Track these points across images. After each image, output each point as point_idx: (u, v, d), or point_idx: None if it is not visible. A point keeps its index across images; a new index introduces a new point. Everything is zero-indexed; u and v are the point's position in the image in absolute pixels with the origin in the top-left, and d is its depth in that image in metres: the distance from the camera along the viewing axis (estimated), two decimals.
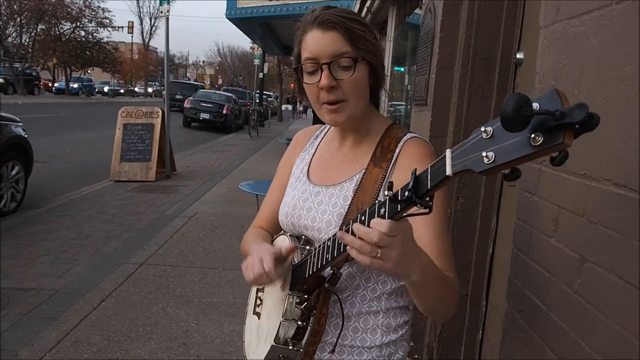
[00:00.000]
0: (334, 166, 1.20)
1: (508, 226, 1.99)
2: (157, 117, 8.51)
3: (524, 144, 0.57)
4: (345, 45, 1.05)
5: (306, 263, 1.04)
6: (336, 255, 0.94)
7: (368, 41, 1.08)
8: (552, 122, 0.54)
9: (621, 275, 0.96)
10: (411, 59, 4.84)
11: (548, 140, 0.55)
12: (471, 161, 0.64)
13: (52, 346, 3.05)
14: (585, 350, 1.05)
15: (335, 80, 1.06)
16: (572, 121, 0.53)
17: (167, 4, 8.70)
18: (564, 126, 0.54)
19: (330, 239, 0.97)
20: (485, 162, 0.61)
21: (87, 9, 37.46)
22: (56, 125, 15.75)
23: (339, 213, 1.10)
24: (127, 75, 50.86)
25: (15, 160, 5.98)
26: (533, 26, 1.89)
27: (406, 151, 1.11)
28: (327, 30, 1.06)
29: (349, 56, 1.05)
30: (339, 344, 1.11)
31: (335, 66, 1.06)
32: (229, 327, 3.43)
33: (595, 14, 1.11)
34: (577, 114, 0.53)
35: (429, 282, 0.92)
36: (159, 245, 5.05)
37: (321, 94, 1.08)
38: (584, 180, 1.11)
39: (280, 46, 22.02)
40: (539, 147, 0.56)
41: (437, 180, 0.70)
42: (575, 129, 0.54)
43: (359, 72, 1.07)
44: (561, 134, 0.54)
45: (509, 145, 0.59)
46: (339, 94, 1.07)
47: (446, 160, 0.68)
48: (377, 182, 1.08)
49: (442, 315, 1.06)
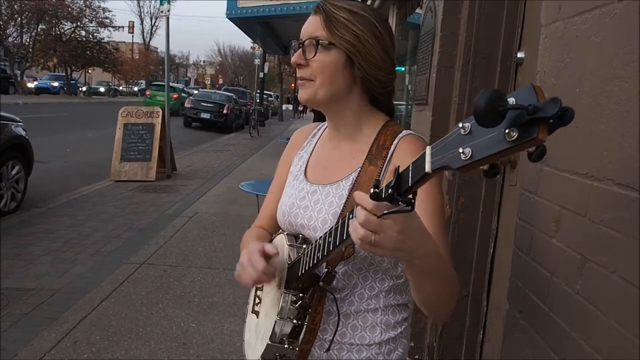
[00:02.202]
0: (330, 164, 1.20)
1: (509, 226, 1.99)
2: (158, 116, 8.51)
3: (499, 139, 0.56)
4: (320, 30, 1.09)
5: (299, 262, 1.05)
6: (326, 254, 0.94)
7: (349, 30, 1.08)
8: (526, 117, 0.54)
9: (623, 276, 0.96)
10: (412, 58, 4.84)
11: (522, 135, 0.54)
12: (449, 158, 0.63)
13: (52, 346, 3.04)
14: (587, 351, 1.05)
15: (304, 59, 1.11)
16: (546, 115, 0.53)
17: (168, 3, 8.70)
18: (538, 121, 0.53)
19: (322, 236, 0.97)
20: (462, 158, 0.60)
21: (88, 8, 37.51)
22: (56, 125, 15.75)
23: (335, 212, 1.10)
24: (128, 75, 50.86)
25: (15, 160, 5.98)
26: (534, 25, 1.88)
27: (401, 148, 1.11)
28: (314, 15, 1.12)
29: (318, 39, 1.09)
30: (337, 341, 1.11)
31: (310, 47, 1.10)
32: (229, 328, 3.42)
33: (596, 12, 1.10)
34: (551, 109, 0.52)
35: (431, 270, 0.90)
36: (159, 245, 5.05)
37: (297, 71, 1.14)
38: (586, 179, 1.10)
39: (281, 46, 21.98)
40: (514, 142, 0.55)
41: (417, 178, 0.69)
42: (550, 124, 0.53)
43: (326, 56, 1.09)
44: (535, 129, 0.54)
45: (485, 140, 0.58)
46: (307, 72, 1.11)
47: (426, 157, 0.67)
48: (373, 180, 1.08)
49: (440, 313, 1.05)
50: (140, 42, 60.80)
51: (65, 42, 36.10)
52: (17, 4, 32.01)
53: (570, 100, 1.18)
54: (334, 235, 0.91)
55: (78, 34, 38.25)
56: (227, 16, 15.11)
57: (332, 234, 0.92)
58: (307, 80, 1.12)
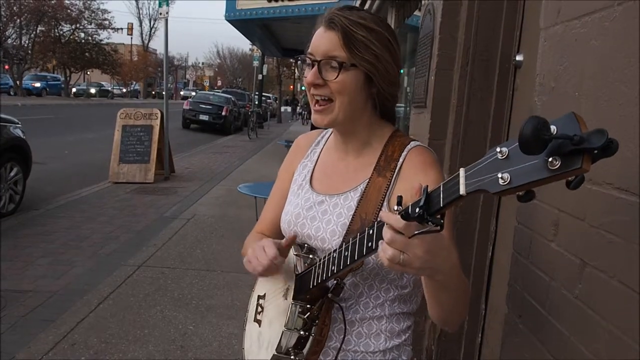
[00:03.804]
0: (337, 175, 1.19)
1: (508, 229, 1.98)
2: (156, 118, 8.52)
3: (540, 167, 0.56)
4: (339, 49, 1.05)
5: (310, 274, 1.04)
6: (342, 268, 0.94)
7: (369, 49, 1.06)
8: (570, 147, 0.53)
9: (622, 281, 0.95)
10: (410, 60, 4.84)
11: (565, 165, 0.54)
12: (486, 182, 0.63)
13: (50, 349, 3.03)
14: (586, 355, 1.04)
15: (322, 79, 1.06)
16: (591, 147, 0.52)
17: (167, 5, 8.70)
18: (581, 151, 0.53)
19: (336, 250, 0.96)
20: (500, 183, 0.61)
21: (87, 10, 37.63)
22: (55, 127, 15.73)
23: (343, 223, 1.09)
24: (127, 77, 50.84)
25: (13, 162, 5.97)
26: (533, 28, 1.88)
27: (410, 160, 1.10)
28: (329, 30, 1.07)
29: (339, 60, 1.05)
30: (342, 349, 1.10)
31: (327, 66, 1.06)
32: (227, 330, 3.41)
33: (596, 15, 1.10)
34: (596, 140, 0.52)
35: (451, 285, 0.91)
36: (157, 247, 5.04)
37: (311, 88, 1.09)
38: (585, 183, 1.09)
39: (280, 48, 22.00)
40: (556, 171, 0.55)
41: (450, 199, 0.69)
42: (594, 154, 0.53)
43: (347, 77, 1.06)
44: (579, 159, 0.54)
45: (525, 167, 0.58)
46: (324, 91, 1.08)
47: (460, 179, 0.67)
48: (381, 192, 1.08)
49: (454, 323, 1.05)
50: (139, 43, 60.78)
51: (64, 44, 36.15)
52: (16, 6, 32.03)
53: (569, 103, 1.18)
54: (351, 249, 0.91)
55: (77, 35, 38.29)
56: (225, 18, 15.12)
57: (350, 248, 0.91)
58: (324, 101, 1.08)
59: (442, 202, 0.70)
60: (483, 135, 2.29)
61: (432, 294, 0.94)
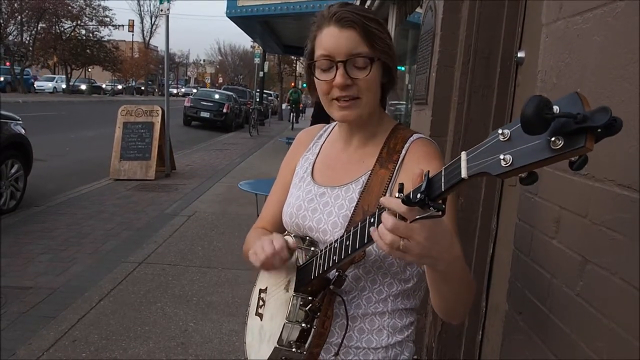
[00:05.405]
0: (339, 167, 1.19)
1: (509, 226, 1.98)
2: (157, 115, 8.51)
3: (543, 147, 0.56)
4: (362, 45, 1.05)
5: (312, 265, 1.03)
6: (343, 257, 0.93)
7: (384, 41, 1.08)
8: (573, 126, 0.53)
9: (624, 278, 0.95)
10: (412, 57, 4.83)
11: (568, 144, 0.54)
12: (488, 164, 0.62)
13: (50, 345, 3.04)
14: (587, 353, 1.04)
15: (351, 78, 1.05)
16: (595, 125, 0.52)
17: (168, 2, 8.69)
18: (585, 130, 0.53)
19: (337, 240, 0.96)
20: (502, 165, 0.60)
21: (88, 7, 37.58)
22: (56, 124, 15.73)
23: (345, 215, 1.09)
24: (128, 73, 50.84)
25: (14, 159, 5.97)
26: (534, 24, 1.87)
27: (412, 152, 1.10)
28: (345, 28, 1.05)
29: (366, 56, 1.05)
30: (344, 345, 1.10)
31: (351, 65, 1.05)
32: (227, 327, 3.42)
33: (598, 11, 1.09)
34: (600, 118, 0.52)
35: (454, 276, 0.90)
36: (158, 244, 5.04)
37: (333, 90, 1.08)
38: (587, 180, 1.09)
39: (281, 45, 22.01)
40: (559, 150, 0.55)
41: (452, 183, 0.68)
42: (597, 133, 0.53)
43: (374, 72, 1.07)
44: (583, 138, 0.53)
45: (527, 148, 0.58)
46: (353, 90, 1.07)
47: (461, 162, 0.66)
48: (384, 183, 1.07)
49: (457, 316, 1.04)
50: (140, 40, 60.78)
51: (65, 41, 36.12)
52: (17, 3, 32.00)
53: None
54: (352, 238, 0.90)
55: (78, 32, 38.25)
56: (227, 15, 15.13)
57: (351, 237, 0.91)
58: (353, 99, 1.08)
59: (444, 186, 0.69)
60: (484, 133, 2.28)
61: (434, 285, 0.93)
